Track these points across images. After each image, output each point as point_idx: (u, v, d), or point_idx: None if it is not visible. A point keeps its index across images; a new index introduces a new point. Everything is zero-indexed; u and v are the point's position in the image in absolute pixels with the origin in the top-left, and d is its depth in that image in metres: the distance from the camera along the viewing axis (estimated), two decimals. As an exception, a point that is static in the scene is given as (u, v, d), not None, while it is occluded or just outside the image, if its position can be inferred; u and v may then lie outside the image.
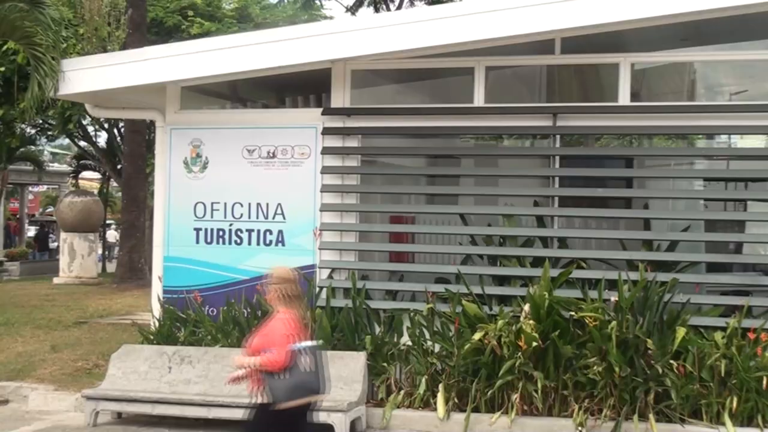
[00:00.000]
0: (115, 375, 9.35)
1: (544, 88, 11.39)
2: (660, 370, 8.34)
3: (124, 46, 22.31)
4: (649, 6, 8.65)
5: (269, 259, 9.94)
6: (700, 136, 11.18)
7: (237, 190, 10.14)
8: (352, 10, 29.14)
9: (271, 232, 10.06)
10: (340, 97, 10.05)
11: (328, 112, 9.99)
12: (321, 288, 9.72)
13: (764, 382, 8.27)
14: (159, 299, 10.28)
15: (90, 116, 20.79)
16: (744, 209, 10.57)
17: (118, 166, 27.70)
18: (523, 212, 9.92)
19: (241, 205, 10.14)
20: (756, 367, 8.36)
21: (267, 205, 10.06)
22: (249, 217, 10.12)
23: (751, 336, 8.47)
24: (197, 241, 10.24)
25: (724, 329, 8.61)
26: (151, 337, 10.00)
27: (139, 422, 9.06)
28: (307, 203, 9.96)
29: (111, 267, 29.43)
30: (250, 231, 10.12)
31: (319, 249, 9.88)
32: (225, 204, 10.18)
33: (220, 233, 10.19)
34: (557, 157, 9.60)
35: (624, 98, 9.41)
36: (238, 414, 8.56)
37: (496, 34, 8.94)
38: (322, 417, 8.42)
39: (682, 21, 9.00)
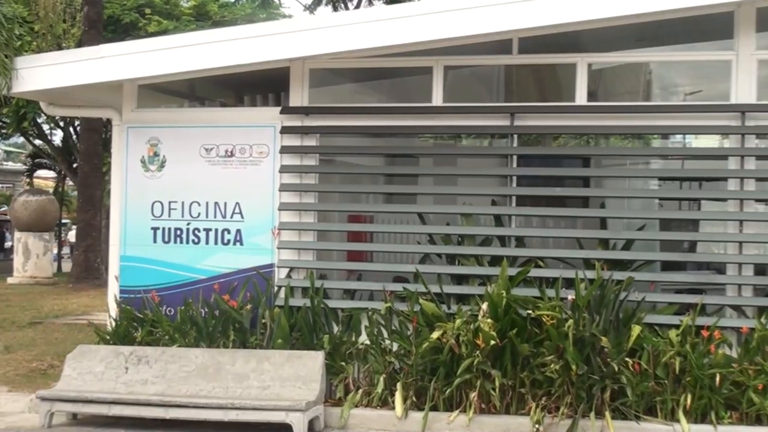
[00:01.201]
0: (71, 376, 9.25)
1: (502, 87, 11.46)
2: (616, 368, 8.41)
3: (79, 44, 22.14)
4: (605, 7, 8.73)
5: (227, 258, 9.97)
6: (656, 135, 11.33)
7: (195, 189, 10.08)
8: (311, 9, 29.11)
9: (229, 232, 10.01)
10: (298, 96, 10.03)
11: (287, 111, 9.97)
12: (279, 287, 9.71)
13: (717, 379, 8.38)
14: (116, 299, 10.19)
15: (45, 114, 20.58)
16: (698, 208, 10.73)
17: (74, 165, 27.47)
18: (481, 211, 9.96)
19: (199, 204, 10.08)
20: (709, 365, 8.47)
21: (225, 204, 10.02)
22: (207, 216, 10.06)
23: (705, 334, 8.58)
24: (154, 241, 10.17)
25: (678, 327, 8.71)
26: (108, 338, 9.91)
27: (95, 423, 8.96)
28: (265, 202, 9.93)
29: (68, 267, 29.13)
30: (207, 230, 10.07)
31: (278, 248, 9.86)
32: (183, 203, 10.11)
33: (178, 232, 10.12)
34: (515, 157, 9.64)
35: (581, 98, 9.48)
36: (196, 414, 8.56)
37: (454, 34, 8.96)
38: (280, 417, 8.42)
39: (637, 22, 9.09)
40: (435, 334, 8.74)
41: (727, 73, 9.23)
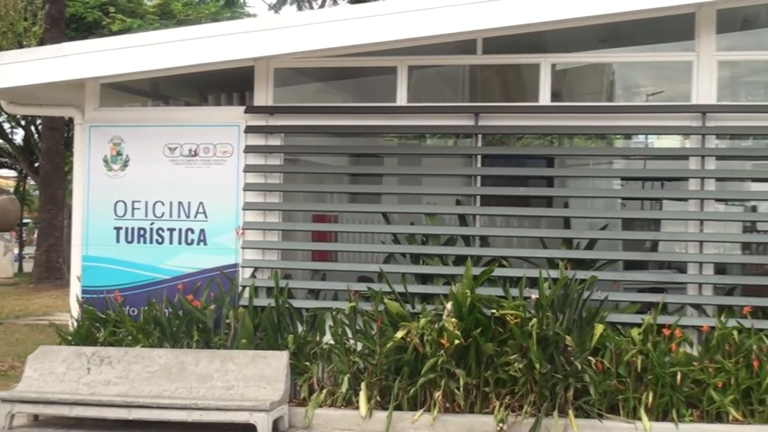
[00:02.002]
0: (32, 377, 9.15)
1: (467, 87, 11.50)
2: (579, 367, 8.47)
3: (41, 42, 21.94)
4: (568, 8, 8.79)
5: (191, 258, 9.93)
6: (619, 136, 11.42)
7: (158, 189, 10.02)
8: (276, 8, 29.01)
9: (193, 231, 9.97)
10: (263, 96, 10.00)
11: (251, 110, 9.94)
12: (243, 287, 9.68)
13: (678, 377, 8.47)
14: (78, 299, 10.11)
15: (6, 113, 20.35)
16: (660, 208, 10.83)
17: (36, 164, 27.20)
18: (445, 211, 9.98)
19: (163, 204, 10.02)
20: (670, 363, 8.56)
21: (189, 203, 9.97)
22: (171, 216, 10.01)
23: (666, 332, 8.67)
24: (117, 240, 10.09)
25: (640, 326, 8.79)
26: (70, 338, 9.82)
27: (56, 425, 8.88)
28: (229, 202, 9.89)
29: (30, 267, 28.85)
30: (171, 230, 10.01)
31: (242, 248, 9.83)
32: (146, 203, 10.05)
33: (141, 232, 10.06)
34: (479, 157, 9.68)
35: (545, 98, 9.54)
36: (159, 415, 8.51)
37: (418, 34, 8.98)
38: (244, 417, 8.40)
39: (600, 23, 9.16)
40: (399, 334, 8.75)
41: (688, 74, 9.33)
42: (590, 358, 8.56)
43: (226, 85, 11.05)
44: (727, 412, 8.45)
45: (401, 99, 9.75)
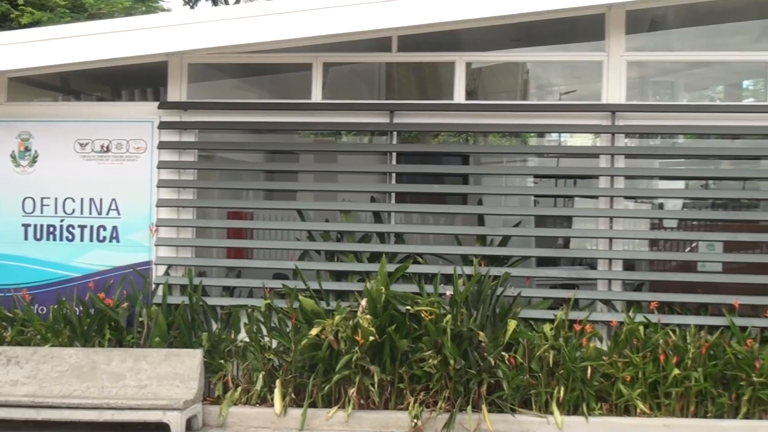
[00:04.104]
0: (-64, 378, 8.92)
1: (383, 85, 11.52)
2: (492, 362, 8.56)
3: (-53, 34, 21.26)
4: (480, 7, 8.85)
5: (103, 255, 9.76)
6: (532, 134, 11.58)
7: (69, 185, 9.83)
8: (191, 3, 28.64)
9: (105, 228, 9.80)
10: (176, 91, 9.89)
11: (165, 106, 9.82)
12: (157, 285, 9.57)
13: (588, 371, 8.63)
14: (-16, 298, 9.88)
15: None
16: (572, 205, 11.03)
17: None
18: (360, 208, 9.99)
19: (74, 201, 9.84)
20: (581, 358, 8.72)
21: (101, 200, 9.80)
22: (81, 213, 9.83)
23: (577, 328, 8.82)
24: (26, 238, 9.87)
25: (552, 321, 8.93)
26: (-24, 338, 9.60)
27: (-38, 427, 8.69)
28: (143, 199, 9.76)
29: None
30: (82, 227, 9.84)
31: (156, 245, 9.71)
32: (56, 199, 9.85)
33: (51, 229, 9.86)
34: (394, 154, 9.71)
35: (459, 96, 9.61)
36: (69, 415, 8.36)
37: (332, 31, 8.96)
38: (157, 416, 8.31)
39: (514, 22, 9.26)
40: (314, 331, 8.74)
41: (599, 73, 9.49)
42: (503, 353, 8.65)
43: (140, 80, 10.90)
44: (635, 405, 8.64)
45: (316, 96, 9.74)
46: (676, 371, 8.55)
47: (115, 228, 9.80)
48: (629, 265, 9.62)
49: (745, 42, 10.23)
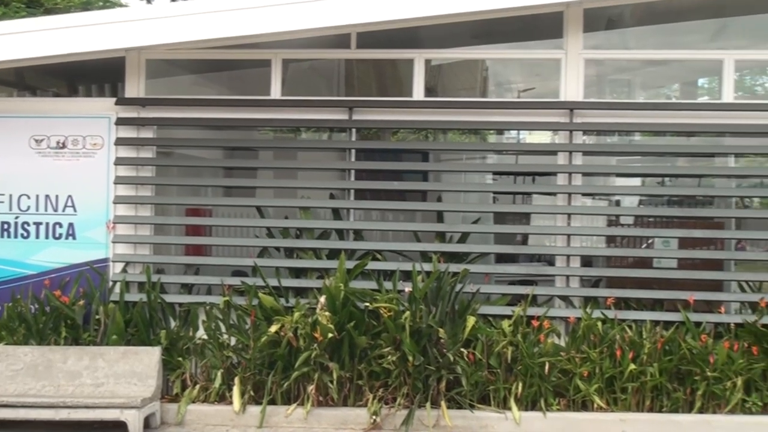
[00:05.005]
0: None
1: (342, 82, 11.52)
2: (451, 358, 8.59)
3: None
4: (438, 4, 8.87)
5: (59, 252, 9.67)
6: (491, 131, 11.61)
7: (23, 182, 9.72)
8: (148, -2, 28.35)
9: (61, 225, 9.71)
10: (134, 87, 9.82)
11: (122, 102, 9.74)
12: (114, 282, 9.49)
13: (546, 367, 8.70)
14: (-64, 296, 9.74)
15: None
16: (530, 202, 11.09)
17: None
18: (319, 205, 9.98)
19: (29, 197, 9.73)
20: (539, 354, 8.77)
21: (57, 197, 9.71)
22: (37, 210, 9.72)
23: (535, 324, 8.88)
24: (-20, 235, 9.78)
25: (510, 317, 8.98)
26: (-73, 337, 9.45)
27: None
28: (100, 195, 9.68)
29: None
30: (38, 224, 9.73)
31: (113, 242, 9.63)
32: (10, 196, 9.74)
33: (5, 226, 9.74)
34: (353, 151, 9.72)
35: (418, 93, 9.64)
36: (25, 414, 8.27)
37: (291, 27, 8.92)
38: (114, 414, 8.24)
39: (472, 19, 9.30)
40: (273, 328, 8.72)
41: (557, 71, 9.56)
42: (462, 349, 8.70)
43: (98, 76, 10.81)
44: (592, 400, 8.71)
45: (275, 92, 9.71)
46: (633, 366, 8.63)
47: (71, 225, 9.70)
48: (587, 261, 9.71)
49: (700, 41, 10.34)
